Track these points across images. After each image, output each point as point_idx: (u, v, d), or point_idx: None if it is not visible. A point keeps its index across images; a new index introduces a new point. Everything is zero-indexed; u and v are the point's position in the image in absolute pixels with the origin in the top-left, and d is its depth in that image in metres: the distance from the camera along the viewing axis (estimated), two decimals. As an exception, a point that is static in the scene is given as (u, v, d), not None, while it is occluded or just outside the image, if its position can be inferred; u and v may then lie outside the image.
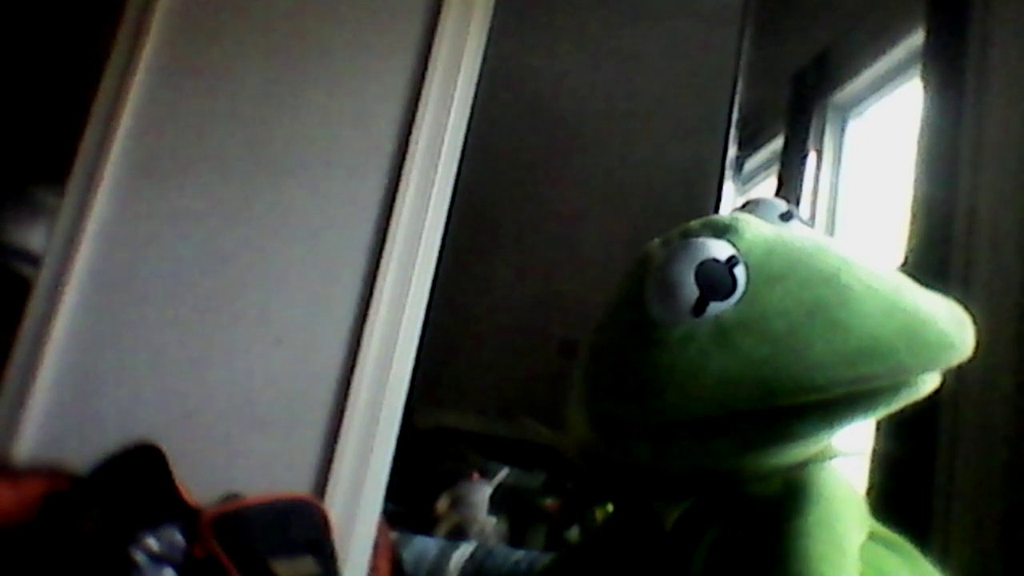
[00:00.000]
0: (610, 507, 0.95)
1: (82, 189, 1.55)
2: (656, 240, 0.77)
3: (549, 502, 2.58)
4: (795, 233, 0.76)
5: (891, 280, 0.71)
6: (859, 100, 2.34)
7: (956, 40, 1.62)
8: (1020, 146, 1.44)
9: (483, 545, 2.07)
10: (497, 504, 2.49)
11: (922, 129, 1.66)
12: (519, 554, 2.01)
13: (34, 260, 1.73)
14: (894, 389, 0.68)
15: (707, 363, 0.68)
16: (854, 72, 2.26)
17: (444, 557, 1.94)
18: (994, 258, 1.41)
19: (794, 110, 2.47)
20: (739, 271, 0.69)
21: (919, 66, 1.79)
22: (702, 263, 0.69)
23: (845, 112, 2.40)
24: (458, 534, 2.30)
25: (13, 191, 2.11)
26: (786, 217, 0.79)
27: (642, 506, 0.81)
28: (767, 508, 0.69)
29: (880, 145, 2.31)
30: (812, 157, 2.38)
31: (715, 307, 0.69)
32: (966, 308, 0.71)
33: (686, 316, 0.69)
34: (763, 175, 2.91)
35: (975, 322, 0.70)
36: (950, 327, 0.68)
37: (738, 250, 0.70)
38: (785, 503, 0.68)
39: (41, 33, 2.22)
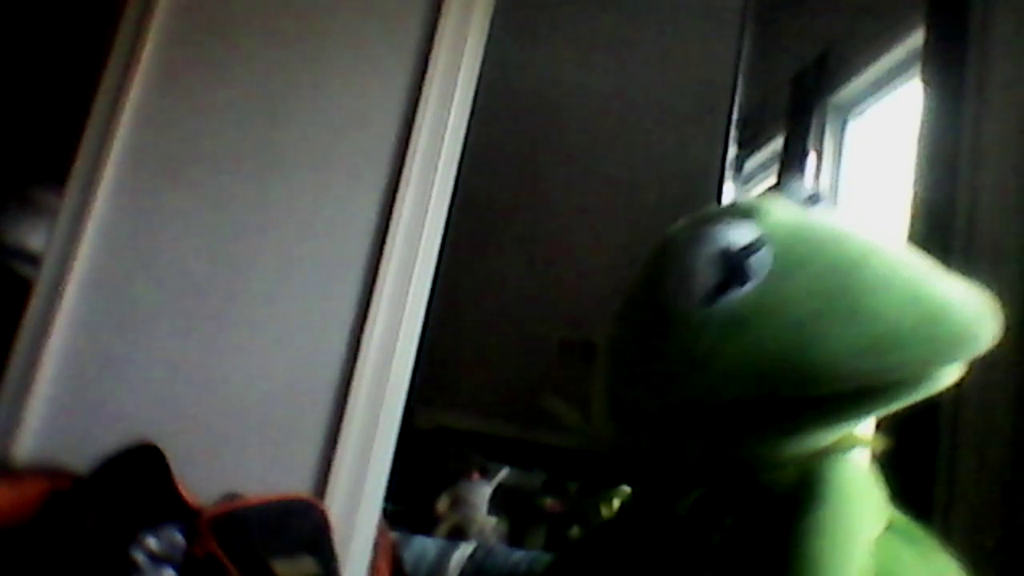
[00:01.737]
0: (615, 503, 0.95)
1: (82, 189, 1.55)
2: (678, 223, 0.75)
3: (549, 502, 2.58)
4: (820, 217, 0.74)
5: (916, 269, 0.69)
6: (859, 100, 2.34)
7: (956, 40, 1.62)
8: (1020, 146, 1.44)
9: (483, 545, 2.07)
10: (497, 504, 2.50)
11: (922, 129, 1.66)
12: (519, 554, 2.01)
13: (34, 260, 1.73)
14: (914, 381, 0.67)
15: (724, 350, 0.67)
16: (854, 72, 2.26)
17: (444, 557, 1.93)
18: (994, 258, 1.41)
19: (794, 110, 2.47)
20: (760, 257, 0.68)
21: (919, 66, 1.79)
22: (722, 249, 0.68)
23: (845, 112, 2.41)
24: (458, 534, 2.30)
25: (13, 191, 2.11)
26: (813, 200, 0.77)
27: (657, 492, 0.80)
28: (781, 500, 0.68)
29: (880, 145, 2.31)
30: (812, 157, 2.38)
31: (734, 293, 0.67)
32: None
33: (704, 302, 0.68)
34: (763, 175, 2.91)
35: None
36: (971, 318, 0.67)
37: (761, 234, 0.69)
38: (798, 498, 0.66)
39: (41, 33, 2.22)
